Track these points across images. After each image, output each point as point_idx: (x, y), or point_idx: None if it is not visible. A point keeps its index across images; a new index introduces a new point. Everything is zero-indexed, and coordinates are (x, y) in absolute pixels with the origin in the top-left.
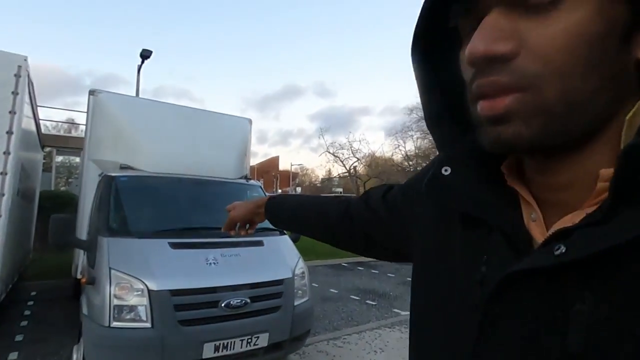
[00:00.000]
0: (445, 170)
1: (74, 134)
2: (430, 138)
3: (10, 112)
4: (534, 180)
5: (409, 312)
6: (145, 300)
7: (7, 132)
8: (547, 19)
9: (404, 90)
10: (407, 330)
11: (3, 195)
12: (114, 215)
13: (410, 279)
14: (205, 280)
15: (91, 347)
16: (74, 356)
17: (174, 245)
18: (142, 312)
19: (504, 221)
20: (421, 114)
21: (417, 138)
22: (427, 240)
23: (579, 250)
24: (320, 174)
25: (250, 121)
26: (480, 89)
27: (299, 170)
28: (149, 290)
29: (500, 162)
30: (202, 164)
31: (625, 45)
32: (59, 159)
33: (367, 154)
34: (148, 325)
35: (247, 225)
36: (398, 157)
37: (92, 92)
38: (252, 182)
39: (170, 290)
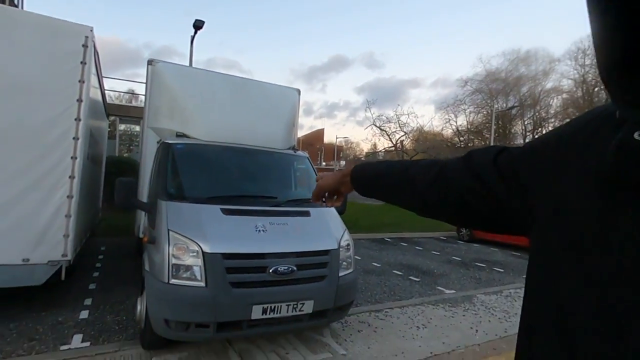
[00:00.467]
0: (638, 135)
1: (134, 103)
2: (485, 112)
3: (79, 81)
4: None
5: (453, 291)
6: (199, 262)
7: (78, 100)
8: None
9: (458, 61)
10: (451, 308)
11: (75, 158)
12: (171, 181)
13: (455, 258)
14: (255, 246)
15: (152, 300)
16: (138, 307)
17: (226, 212)
18: (197, 272)
19: None
20: (476, 85)
21: (470, 112)
22: (574, 218)
23: None
24: (365, 147)
25: (298, 91)
26: None
27: (343, 144)
28: (203, 252)
29: None
30: (252, 133)
31: None
32: (122, 127)
33: (415, 128)
34: (202, 284)
35: (335, 197)
36: (448, 132)
37: (150, 62)
38: (299, 152)
39: (222, 254)
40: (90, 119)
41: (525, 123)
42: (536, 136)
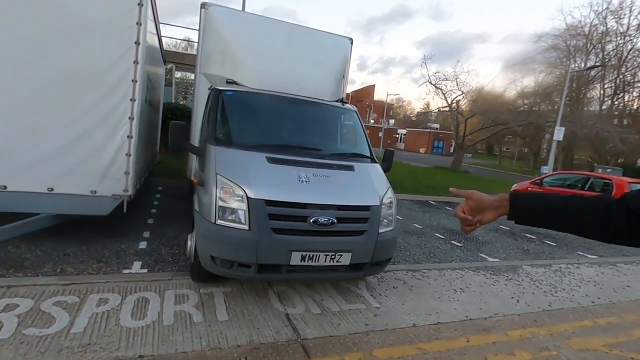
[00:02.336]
0: None
1: (189, 52)
2: (558, 73)
3: (137, 23)
4: None
5: (497, 260)
6: (244, 206)
7: (136, 43)
8: None
9: (535, 13)
10: (493, 277)
11: (135, 100)
12: (220, 127)
13: (504, 227)
14: (297, 196)
15: (201, 238)
16: (189, 243)
17: (271, 160)
18: (242, 215)
19: None
20: (551, 42)
21: (541, 72)
22: None
23: None
24: (418, 107)
25: (351, 41)
26: None
27: (394, 102)
28: (248, 198)
29: None
30: (301, 83)
31: None
32: (178, 75)
33: (474, 88)
34: (246, 227)
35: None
36: (511, 94)
37: (203, 6)
38: (347, 106)
39: (266, 201)
40: (147, 63)
41: (605, 87)
42: (616, 103)
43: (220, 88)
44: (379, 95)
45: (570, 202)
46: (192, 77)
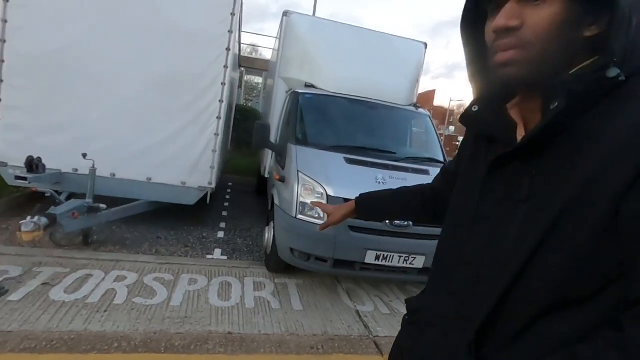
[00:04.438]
0: (475, 109)
1: (254, 56)
2: None
3: (229, 31)
4: (523, 108)
5: None
6: (324, 202)
7: (226, 49)
8: (538, 8)
9: None
10: None
11: (222, 102)
12: (300, 127)
13: None
14: None
15: (281, 230)
16: (266, 235)
17: (349, 161)
18: (321, 211)
19: (505, 136)
20: None
21: None
22: (464, 161)
23: (526, 142)
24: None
25: (425, 45)
26: (498, 47)
27: (454, 108)
28: (327, 195)
29: (505, 103)
30: (376, 87)
31: (577, 27)
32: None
33: None
34: None
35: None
36: None
37: (285, 14)
38: (420, 110)
39: (344, 199)
40: (232, 67)
41: None
42: None
43: (300, 91)
44: (439, 101)
45: (398, 193)
46: (257, 80)
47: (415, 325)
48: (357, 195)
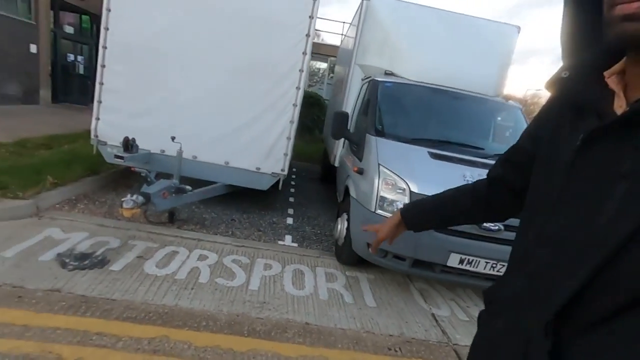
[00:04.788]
0: (565, 74)
1: (316, 40)
2: None
3: (309, 17)
4: (630, 74)
5: None
6: (406, 199)
7: (306, 35)
8: None
9: None
10: None
11: (299, 88)
12: (379, 118)
13: None
14: None
15: (357, 224)
16: (338, 226)
17: (433, 156)
18: None
19: (600, 108)
20: None
21: None
22: (546, 135)
23: (632, 113)
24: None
25: (518, 29)
26: None
27: (527, 98)
28: (411, 191)
29: (603, 71)
30: (463, 76)
31: None
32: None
33: None
34: None
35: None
36: None
37: None
38: (510, 102)
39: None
40: None
41: None
42: None
43: (380, 79)
44: (510, 90)
45: (445, 196)
46: (318, 65)
47: (490, 315)
48: (401, 207)
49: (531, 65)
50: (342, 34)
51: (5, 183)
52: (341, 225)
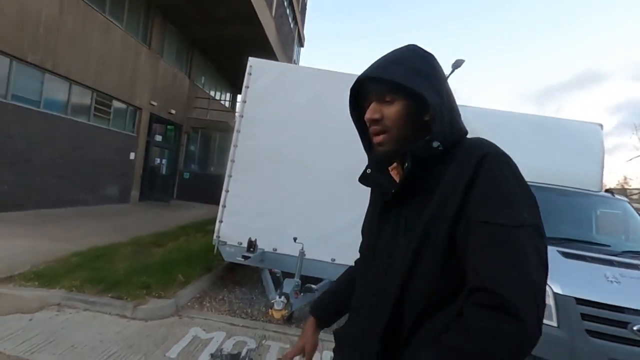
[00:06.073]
0: (368, 170)
1: None
2: None
3: None
4: (398, 169)
5: None
6: (551, 301)
7: None
8: (390, 106)
9: None
10: None
11: None
12: None
13: None
14: (611, 297)
15: None
16: None
17: (566, 255)
18: (549, 311)
19: (389, 190)
20: None
21: None
22: (369, 210)
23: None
24: (635, 185)
25: (601, 126)
26: (372, 132)
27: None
28: (554, 293)
29: (389, 165)
30: (560, 173)
31: (418, 115)
32: None
33: None
34: (554, 324)
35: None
36: None
37: None
38: (617, 196)
39: (576, 298)
40: None
41: None
42: None
43: None
44: None
45: (347, 276)
46: None
47: (338, 352)
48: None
49: None
50: None
51: (147, 283)
52: None
